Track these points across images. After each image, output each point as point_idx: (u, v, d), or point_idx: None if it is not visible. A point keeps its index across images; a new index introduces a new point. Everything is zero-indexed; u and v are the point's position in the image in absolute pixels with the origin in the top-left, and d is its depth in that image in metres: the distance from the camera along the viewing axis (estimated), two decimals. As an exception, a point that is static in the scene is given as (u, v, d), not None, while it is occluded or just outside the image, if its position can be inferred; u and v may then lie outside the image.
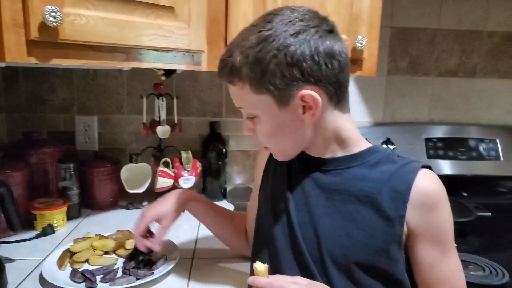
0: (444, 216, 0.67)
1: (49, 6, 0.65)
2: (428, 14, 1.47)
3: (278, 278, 0.62)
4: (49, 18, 0.65)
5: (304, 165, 0.74)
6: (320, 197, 0.71)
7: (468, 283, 0.90)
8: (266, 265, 0.62)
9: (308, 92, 0.64)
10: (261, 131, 0.70)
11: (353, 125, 0.72)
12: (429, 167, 0.68)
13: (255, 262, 0.63)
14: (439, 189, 0.67)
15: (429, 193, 0.66)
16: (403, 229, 0.65)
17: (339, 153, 0.71)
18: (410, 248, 0.68)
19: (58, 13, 0.66)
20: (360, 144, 0.72)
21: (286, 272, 0.69)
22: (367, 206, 0.67)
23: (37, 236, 1.08)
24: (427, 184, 0.66)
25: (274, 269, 0.71)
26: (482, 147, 1.48)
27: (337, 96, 0.68)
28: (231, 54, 0.66)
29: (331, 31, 0.66)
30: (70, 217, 1.19)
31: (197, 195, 1.00)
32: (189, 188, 1.33)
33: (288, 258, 0.72)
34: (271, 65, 0.62)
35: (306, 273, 0.68)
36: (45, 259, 0.94)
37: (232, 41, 0.68)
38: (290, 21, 0.63)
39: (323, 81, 0.64)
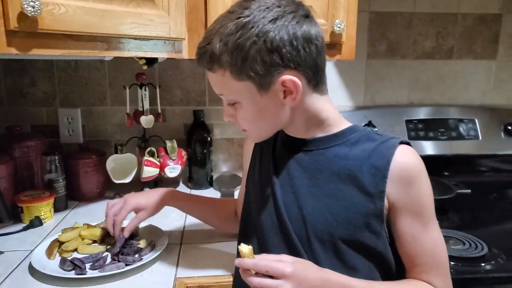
0: (423, 189, 0.69)
1: (27, -4, 0.65)
2: (404, -2, 1.50)
3: (263, 257, 0.64)
4: (27, 7, 0.65)
5: (288, 148, 0.76)
6: (304, 177, 0.73)
7: (449, 257, 0.93)
8: (250, 247, 0.64)
9: (289, 77, 0.65)
10: (243, 116, 0.72)
11: (332, 106, 0.74)
12: (408, 143, 0.71)
13: (240, 244, 0.65)
14: (418, 163, 0.69)
15: (408, 168, 0.68)
16: (384, 204, 0.68)
17: (320, 134, 0.74)
18: (392, 222, 0.70)
19: (37, 3, 0.66)
20: (340, 124, 0.74)
21: (273, 252, 0.71)
22: (349, 184, 0.70)
23: (25, 229, 1.08)
24: (405, 159, 0.69)
25: (262, 250, 0.73)
26: (461, 127, 1.53)
27: (315, 79, 0.69)
28: (209, 41, 0.66)
29: (307, 15, 0.67)
30: (57, 209, 1.20)
31: (179, 194, 1.02)
32: (175, 177, 1.35)
33: (274, 239, 0.74)
34: (252, 52, 0.63)
35: (293, 252, 0.71)
36: (33, 250, 0.95)
37: (210, 28, 0.68)
38: (268, 7, 0.64)
39: (302, 66, 0.66)
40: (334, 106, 0.75)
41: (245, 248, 0.63)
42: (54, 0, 0.71)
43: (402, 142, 0.70)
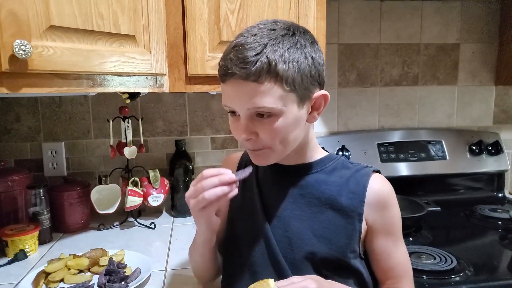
0: (395, 212, 0.78)
1: (18, 40, 0.70)
2: (370, 31, 1.61)
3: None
4: (19, 51, 0.70)
5: (272, 174, 0.81)
6: (288, 201, 0.79)
7: (421, 271, 1.01)
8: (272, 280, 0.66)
9: (323, 92, 0.72)
10: (276, 128, 0.69)
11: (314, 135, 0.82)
12: (379, 171, 0.79)
13: (229, 268, 0.67)
14: (389, 189, 0.78)
15: (382, 193, 0.76)
16: (362, 225, 0.75)
17: (302, 161, 0.80)
18: (369, 242, 0.77)
19: (27, 46, 0.71)
20: (319, 152, 0.82)
21: (260, 272, 0.76)
22: (329, 207, 0.76)
23: (10, 262, 1.09)
24: (379, 186, 0.77)
25: (248, 272, 0.78)
26: (430, 149, 1.62)
27: None
28: (259, 52, 0.65)
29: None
30: (42, 241, 1.21)
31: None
32: (158, 206, 1.38)
33: (262, 260, 0.78)
34: (303, 65, 0.68)
35: (279, 272, 0.75)
36: (19, 282, 0.96)
37: (250, 41, 0.66)
38: (305, 33, 0.71)
39: (323, 85, 0.74)
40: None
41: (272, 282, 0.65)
42: (43, 43, 0.77)
43: (374, 171, 0.78)
